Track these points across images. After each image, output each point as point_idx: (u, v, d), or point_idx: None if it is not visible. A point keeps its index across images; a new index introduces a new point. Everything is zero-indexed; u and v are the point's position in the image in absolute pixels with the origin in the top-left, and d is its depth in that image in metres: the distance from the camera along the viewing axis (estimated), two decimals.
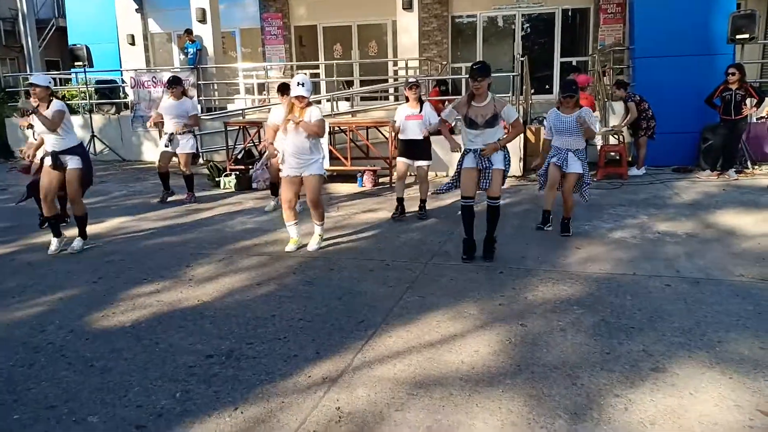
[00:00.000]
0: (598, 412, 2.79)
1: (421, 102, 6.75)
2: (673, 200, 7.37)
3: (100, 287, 4.68)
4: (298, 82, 5.22)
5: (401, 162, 6.80)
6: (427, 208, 6.86)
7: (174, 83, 7.86)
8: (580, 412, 2.79)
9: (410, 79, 6.82)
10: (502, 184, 5.19)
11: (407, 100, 6.86)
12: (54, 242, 5.70)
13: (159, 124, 8.07)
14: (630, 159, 9.42)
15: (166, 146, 7.85)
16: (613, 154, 9.19)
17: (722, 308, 3.96)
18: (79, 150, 5.62)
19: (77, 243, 5.73)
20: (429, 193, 6.93)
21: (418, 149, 6.71)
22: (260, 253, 5.53)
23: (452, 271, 4.90)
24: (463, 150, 5.25)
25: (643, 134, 9.17)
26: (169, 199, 8.06)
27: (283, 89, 6.78)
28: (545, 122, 6.24)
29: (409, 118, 6.66)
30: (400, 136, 6.80)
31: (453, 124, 5.54)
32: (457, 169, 5.28)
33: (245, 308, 4.18)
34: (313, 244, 5.57)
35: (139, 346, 3.60)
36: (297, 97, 5.22)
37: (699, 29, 9.49)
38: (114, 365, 3.36)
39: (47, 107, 5.47)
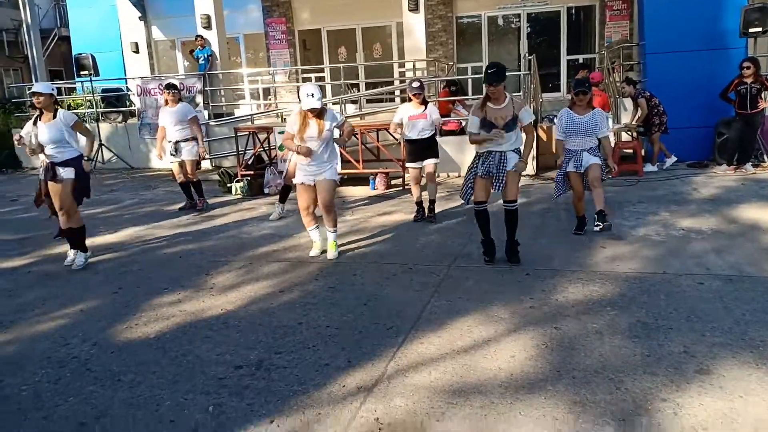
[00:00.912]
0: (647, 418, 2.70)
1: (425, 103, 6.66)
2: (693, 196, 7.27)
3: (121, 298, 4.61)
4: (308, 93, 5.08)
5: (411, 167, 6.75)
6: (442, 209, 6.77)
7: (171, 87, 7.80)
8: (628, 419, 2.70)
9: (414, 83, 6.69)
10: (518, 187, 5.04)
11: (409, 100, 6.75)
12: (71, 253, 5.63)
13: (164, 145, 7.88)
14: (643, 155, 9.31)
15: (173, 155, 7.74)
16: (627, 150, 9.08)
17: (760, 306, 3.86)
18: (74, 163, 5.43)
19: (79, 258, 5.53)
20: (438, 194, 6.83)
21: (424, 148, 6.63)
22: (280, 260, 5.45)
23: (476, 273, 4.81)
24: (476, 153, 5.11)
25: (657, 130, 9.06)
26: (174, 212, 7.95)
27: None
28: (557, 122, 6.09)
29: (413, 118, 6.56)
30: (406, 136, 6.70)
31: (455, 120, 5.37)
32: (470, 174, 5.10)
33: (270, 316, 4.10)
34: (332, 252, 5.45)
35: (166, 359, 3.52)
36: (311, 110, 5.13)
37: (710, 23, 9.39)
38: (142, 379, 3.28)
39: (53, 117, 5.34)
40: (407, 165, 6.88)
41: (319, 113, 5.20)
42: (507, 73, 4.94)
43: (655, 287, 4.28)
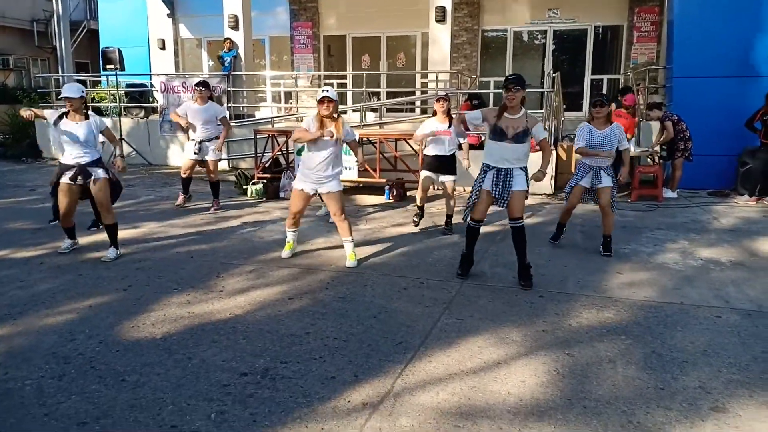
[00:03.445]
0: None
1: (450, 117, 6.64)
2: (713, 225, 7.13)
3: (130, 296, 4.59)
4: (324, 89, 5.28)
5: (425, 175, 6.75)
6: (457, 224, 6.71)
7: (203, 85, 7.82)
8: None
9: (440, 92, 6.71)
10: (523, 205, 4.96)
11: (434, 113, 6.79)
12: (67, 242, 5.79)
13: (186, 128, 7.95)
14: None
15: (195, 153, 7.77)
16: (648, 175, 8.96)
17: None
18: (101, 163, 5.57)
19: (111, 252, 5.60)
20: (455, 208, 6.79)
21: (443, 164, 6.65)
22: (291, 265, 5.41)
23: (489, 292, 4.74)
24: (483, 166, 5.02)
25: (680, 155, 8.92)
26: (188, 204, 7.98)
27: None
28: (577, 135, 6.04)
29: (439, 133, 6.55)
30: (426, 151, 6.73)
31: (475, 134, 5.30)
32: (476, 188, 5.03)
33: (278, 324, 4.06)
34: (350, 262, 5.41)
35: (171, 361, 3.49)
36: (324, 101, 5.17)
37: (740, 50, 9.25)
38: (146, 380, 3.25)
39: (85, 118, 5.43)
40: (422, 172, 6.89)
41: (336, 120, 5.23)
42: (528, 89, 4.88)
43: (671, 318, 4.18)
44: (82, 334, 3.86)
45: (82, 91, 5.49)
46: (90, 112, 5.57)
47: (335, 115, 5.26)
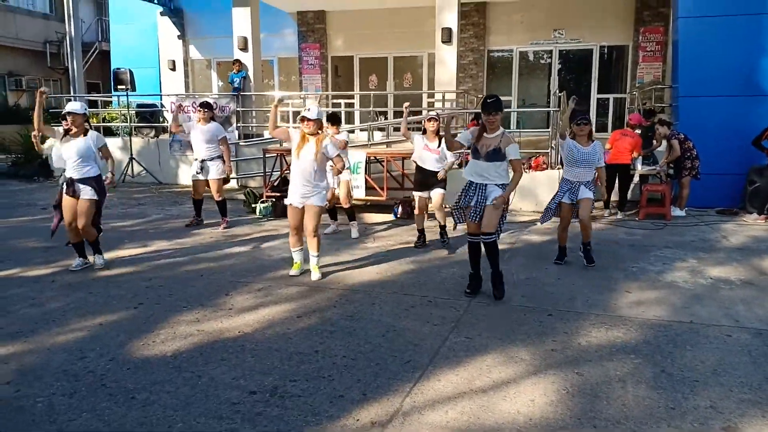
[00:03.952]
0: None
1: (439, 137, 6.79)
2: (722, 244, 7.11)
3: (140, 314, 4.62)
4: (308, 108, 5.57)
5: (418, 196, 6.96)
6: (461, 241, 6.72)
7: (205, 106, 7.99)
8: None
9: (431, 113, 6.91)
10: (499, 221, 4.99)
11: (424, 132, 6.99)
12: (78, 260, 5.92)
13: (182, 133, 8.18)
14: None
15: (198, 173, 7.87)
16: (656, 193, 8.96)
17: None
18: (93, 183, 5.73)
19: (98, 260, 5.93)
20: (450, 227, 6.82)
21: (433, 179, 6.84)
22: (299, 284, 5.44)
23: (498, 310, 4.74)
24: (467, 182, 5.15)
25: (687, 174, 8.92)
26: (196, 229, 8.01)
27: (333, 119, 7.14)
28: (561, 151, 6.39)
29: (426, 149, 6.82)
30: (416, 170, 6.96)
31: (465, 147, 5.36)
32: (457, 199, 5.16)
33: (287, 342, 4.07)
34: (315, 274, 5.58)
35: (181, 379, 3.50)
36: (303, 120, 5.45)
37: (745, 69, 9.29)
38: (156, 398, 3.26)
39: (84, 134, 5.71)
40: (414, 193, 7.10)
41: (317, 135, 5.46)
42: (534, 108, 5.02)
43: (681, 337, 4.16)
44: (93, 352, 3.88)
45: (85, 109, 5.82)
46: (90, 129, 5.81)
47: (319, 132, 5.53)
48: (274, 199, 9.12)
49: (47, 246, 6.79)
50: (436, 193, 6.87)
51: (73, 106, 5.74)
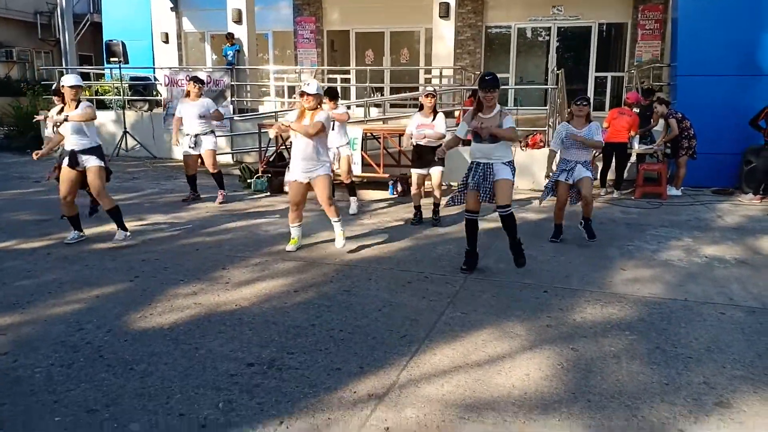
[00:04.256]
0: None
1: (435, 112, 6.78)
2: (717, 223, 7.14)
3: (137, 286, 4.62)
4: (307, 82, 5.51)
5: (416, 173, 6.92)
6: (458, 219, 6.73)
7: (197, 81, 7.91)
8: None
9: (428, 88, 6.85)
10: (510, 193, 5.01)
11: (421, 108, 6.92)
12: (73, 233, 5.86)
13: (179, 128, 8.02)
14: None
15: (191, 148, 7.80)
16: (652, 172, 8.96)
17: None
18: (96, 152, 5.67)
19: (119, 234, 5.79)
20: (443, 204, 6.81)
21: (430, 156, 6.64)
22: (296, 258, 5.44)
23: (494, 286, 4.76)
24: (470, 162, 5.14)
25: (684, 153, 8.92)
26: (193, 204, 7.99)
27: (330, 94, 7.09)
28: (554, 135, 6.42)
29: (421, 128, 6.77)
30: (414, 141, 6.88)
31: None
32: (462, 181, 5.16)
33: (284, 315, 4.08)
34: (340, 240, 5.60)
35: (179, 351, 3.51)
36: (303, 95, 5.42)
37: (744, 48, 9.24)
38: (154, 369, 3.28)
39: (76, 106, 5.59)
40: (412, 170, 7.06)
41: (315, 110, 5.42)
42: (532, 86, 4.98)
43: (675, 314, 4.20)
44: (90, 324, 3.89)
45: (80, 81, 5.75)
46: (81, 100, 5.67)
47: (318, 107, 5.47)
48: (269, 175, 9.09)
49: (41, 219, 6.76)
50: (436, 171, 6.84)
51: (72, 79, 5.67)
